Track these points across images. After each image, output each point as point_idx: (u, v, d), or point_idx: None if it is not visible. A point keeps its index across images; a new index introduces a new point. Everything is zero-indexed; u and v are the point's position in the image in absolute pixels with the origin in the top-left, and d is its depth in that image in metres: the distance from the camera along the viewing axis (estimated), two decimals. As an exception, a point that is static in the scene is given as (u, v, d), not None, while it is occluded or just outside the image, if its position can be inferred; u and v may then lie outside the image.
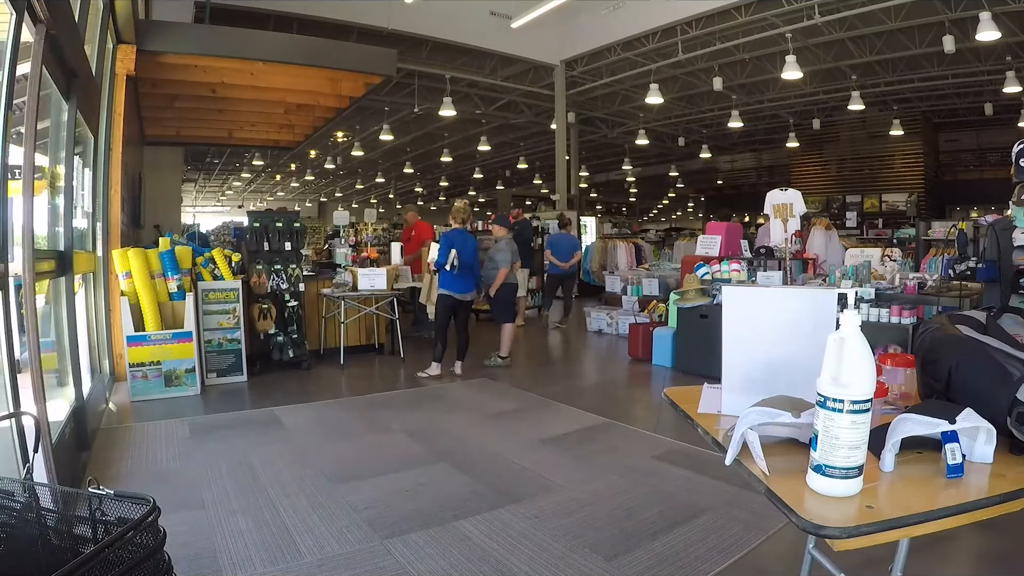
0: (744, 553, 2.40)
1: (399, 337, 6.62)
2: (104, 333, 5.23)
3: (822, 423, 0.99)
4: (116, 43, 5.54)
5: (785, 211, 5.38)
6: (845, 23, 10.18)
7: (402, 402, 4.95)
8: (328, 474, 3.28)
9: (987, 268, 4.51)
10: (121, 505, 1.27)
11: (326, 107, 8.86)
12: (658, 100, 12.12)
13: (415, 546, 2.47)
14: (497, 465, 3.45)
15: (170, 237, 6.33)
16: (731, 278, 5.86)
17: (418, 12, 10.34)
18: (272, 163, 22.44)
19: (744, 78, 13.06)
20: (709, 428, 1.35)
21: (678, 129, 18.21)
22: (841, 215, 16.43)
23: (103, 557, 1.05)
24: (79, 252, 4.02)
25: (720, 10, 10.06)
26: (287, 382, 5.52)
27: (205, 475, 3.25)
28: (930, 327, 1.37)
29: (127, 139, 5.79)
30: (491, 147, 18.13)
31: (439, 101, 12.62)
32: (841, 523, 0.90)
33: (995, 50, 10.67)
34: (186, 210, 21.83)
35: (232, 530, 2.60)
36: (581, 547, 2.45)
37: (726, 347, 1.39)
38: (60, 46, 3.01)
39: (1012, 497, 0.98)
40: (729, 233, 6.56)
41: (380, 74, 7.36)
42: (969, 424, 1.05)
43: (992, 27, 8.35)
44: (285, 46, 6.84)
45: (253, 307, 5.76)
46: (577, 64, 13.16)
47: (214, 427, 4.16)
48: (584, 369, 6.66)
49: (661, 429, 4.07)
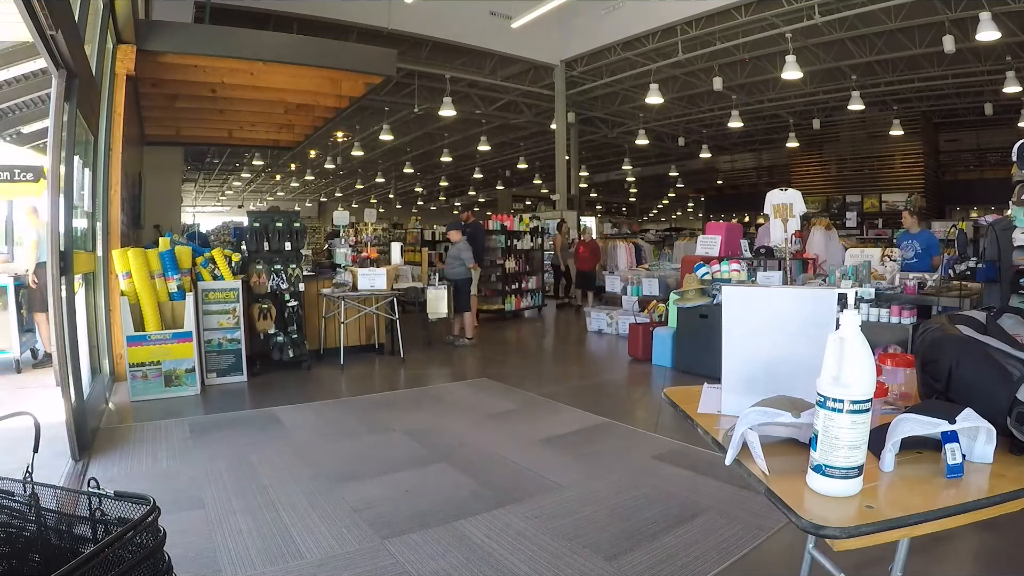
0: (744, 553, 2.40)
1: (399, 337, 6.62)
2: (104, 333, 5.23)
3: (822, 423, 0.99)
4: (116, 43, 5.54)
5: (785, 211, 5.38)
6: (845, 23, 10.19)
7: (402, 402, 4.95)
8: (328, 474, 3.28)
9: (987, 268, 4.52)
10: (121, 505, 1.27)
11: (326, 107, 8.86)
12: (658, 100, 12.12)
13: (415, 546, 2.47)
14: (497, 465, 3.45)
15: (170, 237, 6.34)
16: (731, 278, 5.85)
17: (418, 12, 10.34)
18: (272, 163, 22.46)
19: (744, 78, 13.06)
20: (709, 428, 1.35)
21: (678, 129, 18.22)
22: (841, 215, 16.45)
23: (103, 557, 1.05)
24: (79, 252, 4.02)
25: (720, 10, 10.07)
26: (287, 382, 5.52)
27: (205, 475, 3.25)
28: (930, 327, 1.37)
29: (127, 139, 5.79)
30: (491, 147, 18.14)
31: (439, 101, 12.63)
32: (841, 523, 0.90)
33: (995, 50, 10.68)
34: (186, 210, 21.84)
35: (232, 530, 2.60)
36: (581, 547, 2.45)
37: (726, 347, 1.39)
38: (60, 46, 3.01)
39: (1012, 497, 0.98)
40: (729, 233, 6.57)
41: (380, 74, 7.35)
42: (969, 424, 1.05)
43: (992, 27, 8.36)
44: (285, 46, 6.84)
45: (253, 307, 5.76)
46: (577, 64, 13.16)
47: (214, 427, 4.16)
48: (584, 369, 6.66)
49: (661, 429, 4.07)
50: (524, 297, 10.35)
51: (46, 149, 3.52)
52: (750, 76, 13.01)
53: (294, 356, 5.87)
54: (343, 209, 18.39)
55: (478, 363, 6.58)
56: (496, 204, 28.49)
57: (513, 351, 7.73)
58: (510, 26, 10.97)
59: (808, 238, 6.79)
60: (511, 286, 10.06)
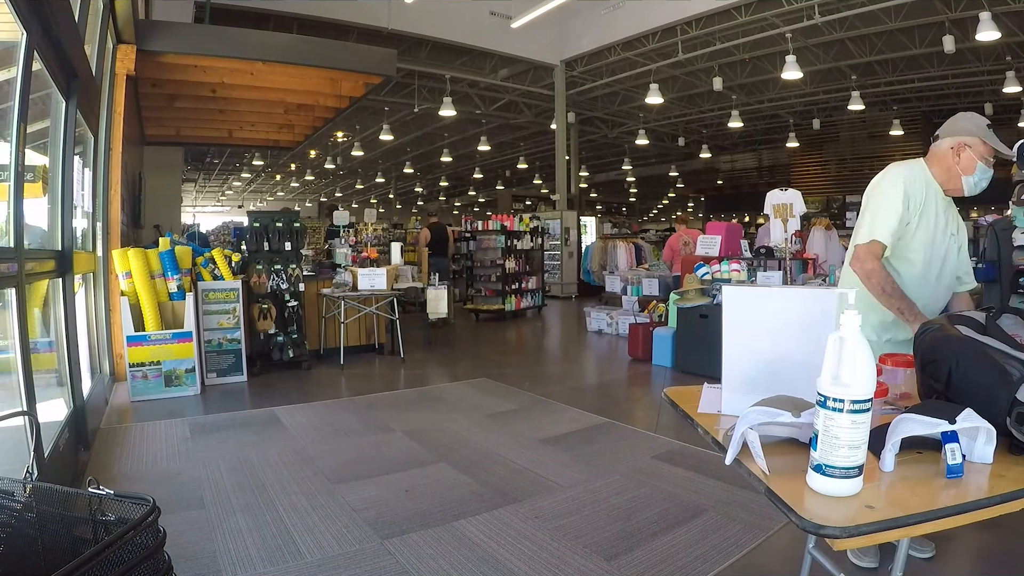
0: (744, 553, 2.40)
1: (399, 337, 6.62)
2: (104, 333, 5.23)
3: (822, 423, 0.99)
4: (116, 43, 5.54)
5: (785, 211, 5.38)
6: (845, 23, 10.19)
7: (402, 402, 4.95)
8: (328, 474, 3.28)
9: (987, 268, 4.52)
10: (121, 505, 1.27)
11: (326, 107, 8.86)
12: (658, 100, 12.12)
13: (415, 546, 2.47)
14: (497, 465, 3.45)
15: (170, 237, 6.33)
16: (731, 278, 5.85)
17: (418, 12, 10.34)
18: (272, 163, 22.45)
19: (744, 78, 13.07)
20: (709, 428, 1.35)
21: (678, 129, 18.22)
22: (841, 215, 16.40)
23: (103, 557, 1.05)
24: (79, 252, 4.01)
25: (720, 10, 10.07)
26: (287, 382, 5.52)
27: (205, 475, 3.24)
28: (930, 327, 1.37)
29: (127, 139, 5.79)
30: (491, 147, 18.14)
31: (439, 101, 12.63)
32: (841, 523, 0.90)
33: (995, 50, 10.68)
34: (186, 210, 21.85)
35: (232, 530, 2.60)
36: (581, 547, 2.45)
37: (726, 347, 1.39)
38: (60, 46, 3.01)
39: (1012, 497, 0.98)
40: (729, 233, 6.57)
41: (380, 74, 7.35)
42: (969, 424, 1.05)
43: (992, 27, 8.36)
44: (285, 46, 6.84)
45: (253, 307, 5.76)
46: (577, 64, 13.16)
47: (214, 427, 4.15)
48: (584, 369, 6.66)
49: (661, 429, 4.06)
50: (524, 297, 10.35)
51: (46, 149, 3.52)
52: (750, 76, 13.01)
53: (294, 356, 5.87)
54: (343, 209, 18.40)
55: (478, 363, 6.58)
56: (496, 204, 28.49)
57: (513, 351, 7.74)
58: (510, 26, 10.97)
59: (808, 238, 6.80)
60: (511, 286, 10.06)
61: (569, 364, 6.88)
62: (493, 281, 10.05)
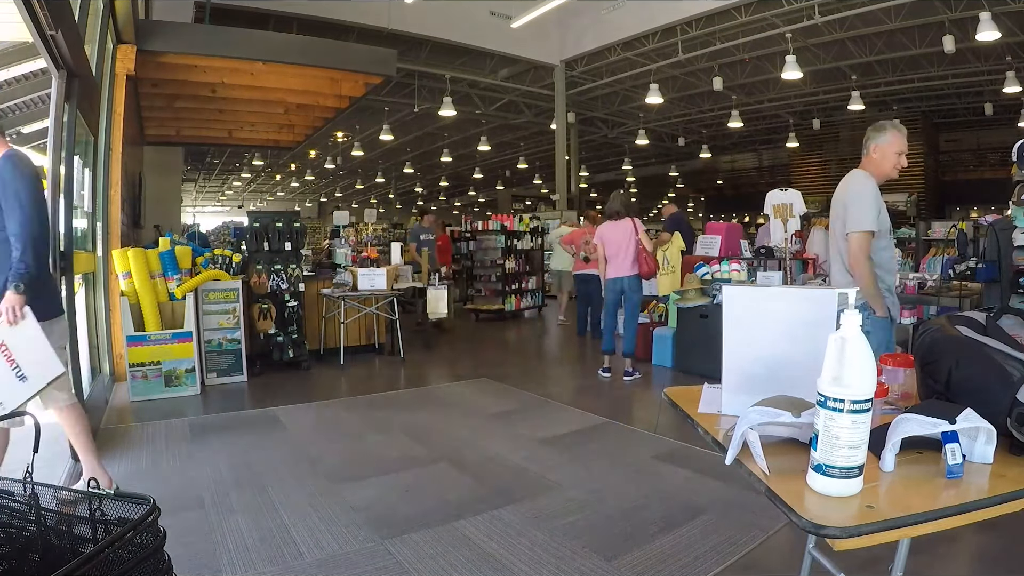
0: (744, 553, 2.40)
1: (399, 337, 6.62)
2: (104, 333, 5.23)
3: (822, 423, 0.99)
4: (116, 43, 5.53)
5: (785, 211, 5.38)
6: (845, 23, 10.19)
7: (402, 402, 4.95)
8: (328, 474, 3.28)
9: (987, 268, 4.53)
10: (121, 505, 1.27)
11: (326, 107, 8.85)
12: (658, 100, 12.12)
13: (415, 546, 2.47)
14: (497, 465, 3.45)
15: (170, 237, 6.33)
16: (731, 278, 5.85)
17: (418, 12, 10.34)
18: (272, 163, 22.46)
19: (744, 78, 13.07)
20: (709, 428, 1.35)
21: (678, 129, 18.23)
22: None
23: (103, 557, 1.05)
24: (79, 252, 4.02)
25: (720, 10, 10.07)
26: (287, 382, 5.51)
27: (205, 475, 3.24)
28: (930, 328, 1.37)
29: (127, 139, 5.79)
30: (491, 147, 18.13)
31: (439, 101, 12.63)
32: (841, 523, 0.90)
33: (995, 50, 10.68)
34: (186, 210, 21.85)
35: (232, 530, 2.60)
36: (581, 547, 2.45)
37: (726, 347, 1.39)
38: (60, 46, 3.01)
39: (1012, 497, 0.98)
40: (729, 233, 6.56)
41: (380, 74, 7.35)
42: (969, 424, 1.05)
43: (992, 27, 8.36)
44: (285, 46, 6.83)
45: (253, 307, 5.76)
46: (577, 64, 13.16)
47: (214, 427, 4.15)
48: (584, 369, 6.65)
49: (661, 429, 4.06)
50: (524, 297, 10.35)
51: (46, 149, 3.52)
52: (750, 76, 13.01)
53: (294, 356, 5.87)
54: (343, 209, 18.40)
55: (478, 363, 6.58)
56: (496, 204, 28.48)
57: (513, 351, 7.74)
58: (510, 26, 10.97)
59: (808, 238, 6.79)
60: (511, 286, 10.06)
61: (569, 364, 6.88)
62: (493, 281, 10.05)
